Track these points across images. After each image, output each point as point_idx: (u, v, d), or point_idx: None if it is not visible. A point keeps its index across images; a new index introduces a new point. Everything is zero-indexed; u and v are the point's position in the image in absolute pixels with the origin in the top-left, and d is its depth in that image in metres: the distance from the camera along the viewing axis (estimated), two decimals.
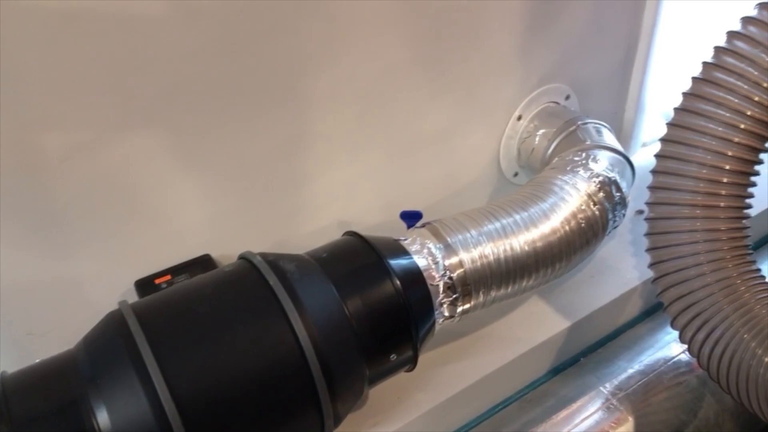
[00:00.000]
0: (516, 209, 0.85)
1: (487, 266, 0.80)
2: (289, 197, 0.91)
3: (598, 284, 1.04)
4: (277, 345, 0.66)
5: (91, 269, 0.79)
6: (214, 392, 0.63)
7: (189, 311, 0.67)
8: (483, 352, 0.92)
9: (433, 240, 0.80)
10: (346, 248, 0.78)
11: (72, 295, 0.79)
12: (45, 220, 0.73)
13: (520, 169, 1.13)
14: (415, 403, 0.86)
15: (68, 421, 0.60)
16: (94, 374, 0.62)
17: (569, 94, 1.12)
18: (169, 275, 0.82)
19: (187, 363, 0.63)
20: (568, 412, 0.87)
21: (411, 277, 0.76)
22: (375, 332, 0.72)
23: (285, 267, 0.71)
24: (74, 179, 0.72)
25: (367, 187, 0.98)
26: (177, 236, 0.84)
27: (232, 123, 0.80)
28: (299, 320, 0.66)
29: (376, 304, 0.73)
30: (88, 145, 0.71)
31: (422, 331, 0.77)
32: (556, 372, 0.99)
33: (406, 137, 0.98)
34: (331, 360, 0.67)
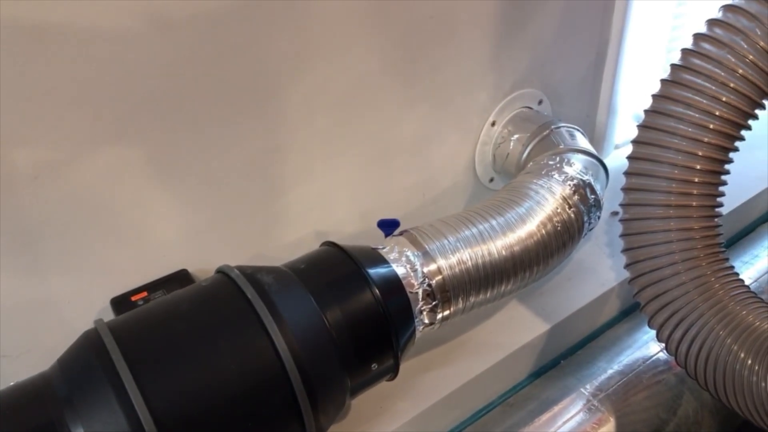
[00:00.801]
0: (493, 214, 0.86)
1: (465, 272, 0.81)
2: (265, 209, 0.91)
3: (575, 286, 1.05)
4: (257, 359, 0.65)
5: (65, 288, 0.78)
6: (193, 409, 0.62)
7: (166, 328, 0.66)
8: (464, 358, 0.93)
9: (411, 248, 0.80)
10: (324, 258, 0.78)
11: (46, 315, 0.78)
12: (17, 239, 0.72)
13: (496, 174, 1.14)
14: (397, 411, 0.86)
15: None
16: (70, 394, 0.61)
17: (542, 98, 1.13)
18: (145, 292, 0.81)
19: (166, 380, 0.62)
20: (551, 415, 0.87)
21: (390, 285, 0.76)
22: (355, 342, 0.72)
23: (263, 279, 0.71)
24: (46, 197, 0.71)
25: (344, 196, 0.98)
26: (153, 252, 0.83)
27: (204, 136, 0.80)
28: (278, 333, 0.66)
29: (355, 314, 0.72)
30: (60, 163, 0.70)
31: (403, 339, 0.77)
32: (537, 375, 1.00)
33: (381, 146, 0.98)
34: (312, 372, 0.67)
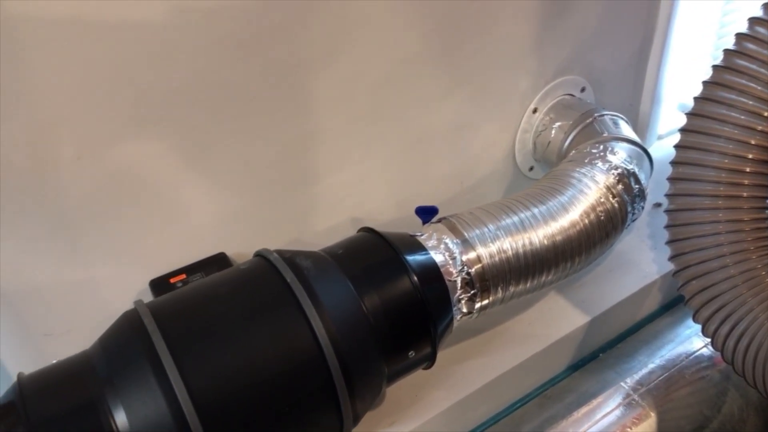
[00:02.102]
0: (534, 203, 0.84)
1: (505, 261, 0.79)
2: (301, 194, 0.90)
3: (616, 279, 1.02)
4: (295, 343, 0.65)
5: (106, 269, 0.78)
6: (231, 391, 0.62)
7: (205, 310, 0.66)
8: (501, 349, 0.91)
9: (450, 235, 0.79)
10: (362, 244, 0.77)
11: (88, 295, 0.79)
12: (59, 220, 0.72)
13: (536, 163, 1.12)
14: (432, 401, 0.85)
15: (86, 421, 0.59)
16: (110, 374, 0.61)
17: (585, 86, 1.10)
18: (184, 274, 0.81)
19: (204, 362, 0.62)
20: (589, 408, 0.85)
21: (428, 272, 0.75)
22: (393, 329, 0.71)
23: (301, 263, 0.71)
24: (88, 179, 0.72)
25: (380, 183, 0.97)
26: (191, 235, 0.83)
27: (242, 120, 0.80)
28: (317, 317, 0.66)
29: (393, 301, 0.72)
30: (102, 144, 0.71)
31: (440, 327, 0.76)
32: (575, 368, 0.98)
33: (419, 132, 0.97)
34: (350, 358, 0.67)
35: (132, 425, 0.59)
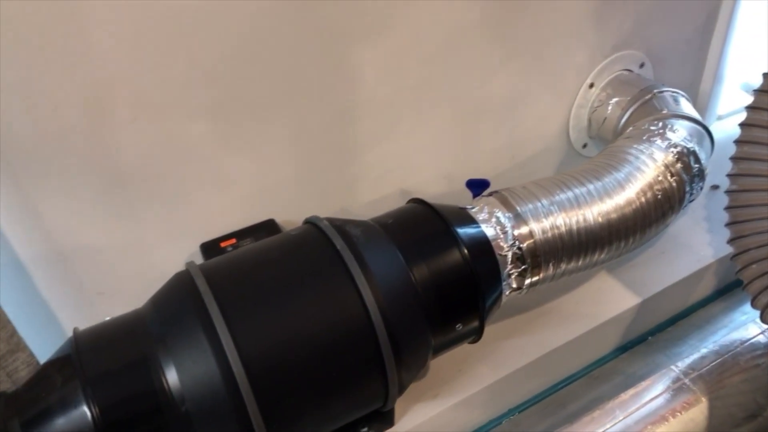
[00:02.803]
0: (589, 179, 0.82)
1: (558, 237, 0.77)
2: (350, 165, 0.90)
3: (669, 261, 0.99)
4: (344, 310, 0.65)
5: (158, 231, 0.80)
6: (280, 354, 0.62)
7: (257, 273, 0.67)
8: (548, 328, 0.90)
9: (502, 209, 0.78)
10: (412, 215, 0.76)
11: (139, 256, 0.80)
12: (114, 181, 0.74)
13: (590, 140, 1.09)
14: (476, 376, 0.84)
15: (138, 378, 0.60)
16: (163, 333, 0.62)
17: (644, 61, 1.07)
18: (234, 239, 0.82)
19: (255, 324, 0.63)
20: (637, 390, 0.83)
21: (479, 246, 0.74)
22: (441, 301, 0.71)
23: (351, 231, 0.70)
24: (142, 141, 0.72)
25: (429, 156, 0.96)
26: (242, 201, 0.84)
27: (294, 87, 0.79)
28: (366, 285, 0.65)
29: (442, 273, 0.71)
30: (157, 107, 0.71)
31: (489, 301, 0.75)
32: (623, 350, 0.96)
33: (471, 104, 0.95)
34: (398, 327, 0.66)
35: (183, 383, 0.60)
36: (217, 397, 0.60)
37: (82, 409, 0.58)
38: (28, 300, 0.75)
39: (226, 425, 0.61)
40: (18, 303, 0.71)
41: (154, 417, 0.60)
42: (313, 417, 0.67)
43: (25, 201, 0.69)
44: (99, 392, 0.59)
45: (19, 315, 0.70)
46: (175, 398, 0.60)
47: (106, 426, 0.58)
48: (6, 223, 0.70)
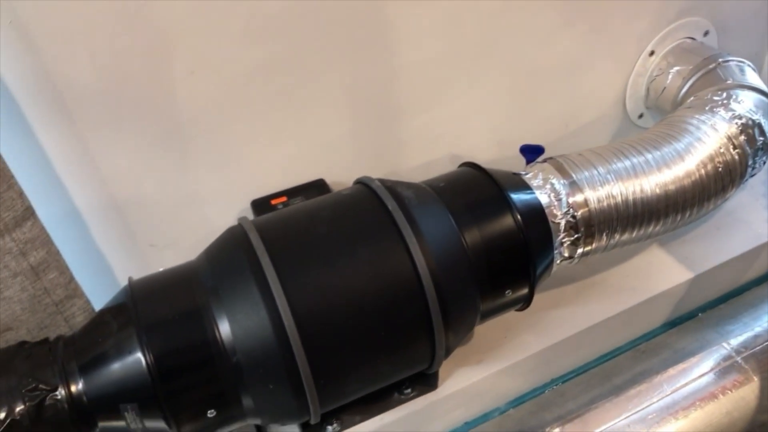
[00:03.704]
0: (647, 148, 0.80)
1: (613, 207, 0.76)
2: (402, 127, 0.89)
3: (724, 237, 0.96)
4: (395, 270, 0.65)
5: (210, 186, 0.80)
6: (331, 311, 0.63)
7: (309, 231, 0.67)
8: (596, 299, 0.88)
9: (557, 175, 0.76)
10: (464, 179, 0.75)
11: (192, 210, 0.81)
12: (170, 134, 0.74)
13: (647, 110, 1.06)
14: (522, 343, 0.84)
15: (192, 327, 0.62)
16: (216, 285, 0.63)
17: (708, 29, 1.02)
18: (284, 197, 0.82)
19: (307, 280, 0.63)
20: (686, 366, 0.82)
21: (532, 212, 0.73)
22: (492, 266, 0.70)
23: (403, 193, 0.70)
24: (199, 94, 0.73)
25: (482, 120, 0.94)
26: (293, 159, 0.84)
27: (349, 46, 0.78)
28: (417, 247, 0.65)
29: (494, 238, 0.70)
30: (215, 60, 0.71)
31: (539, 269, 0.74)
32: (671, 325, 0.94)
33: (527, 69, 0.93)
34: (447, 289, 0.66)
35: (234, 335, 0.61)
36: (267, 350, 0.61)
37: (136, 355, 0.60)
38: (83, 249, 0.77)
39: (275, 378, 0.62)
40: (74, 252, 0.73)
41: (205, 366, 0.61)
42: (359, 374, 0.68)
43: (83, 150, 0.70)
44: (153, 339, 0.60)
45: (75, 263, 0.72)
46: (226, 349, 0.61)
47: (160, 373, 0.60)
48: (64, 172, 0.71)
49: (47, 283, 0.67)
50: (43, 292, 0.67)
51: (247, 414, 0.65)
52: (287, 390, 0.62)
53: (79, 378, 0.61)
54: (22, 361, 0.62)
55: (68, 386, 0.60)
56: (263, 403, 0.64)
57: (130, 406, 0.60)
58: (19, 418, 0.58)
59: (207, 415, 0.62)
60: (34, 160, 0.68)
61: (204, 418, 0.62)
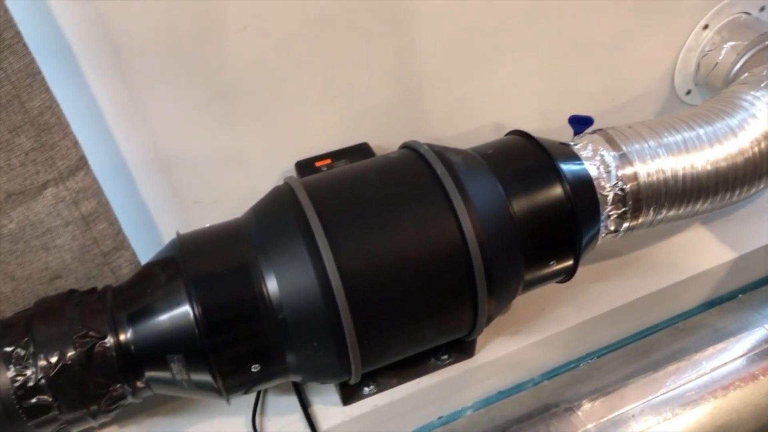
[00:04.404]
0: (699, 123, 0.78)
1: (663, 182, 0.74)
2: (448, 93, 0.88)
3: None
4: (442, 235, 0.64)
5: (256, 145, 0.80)
6: (377, 272, 0.63)
7: (357, 192, 0.67)
8: (636, 275, 0.88)
9: (607, 147, 0.75)
10: (513, 147, 0.74)
11: (236, 168, 0.81)
12: (219, 91, 0.74)
13: (695, 86, 1.03)
14: (560, 316, 0.83)
15: (240, 282, 0.62)
16: (264, 242, 0.63)
17: (764, 5, 0.99)
18: (329, 159, 0.82)
19: (354, 241, 0.63)
20: (725, 345, 0.81)
21: (581, 183, 0.72)
22: (538, 236, 0.69)
23: (452, 159, 0.69)
24: (250, 51, 0.72)
25: (528, 90, 0.93)
26: (338, 122, 0.84)
27: (399, 12, 0.78)
28: (465, 213, 0.64)
29: (542, 208, 0.69)
30: (269, 15, 0.71)
31: (585, 241, 0.73)
32: (710, 305, 0.93)
33: (576, 40, 0.91)
34: (493, 257, 0.65)
35: (281, 291, 0.61)
36: (313, 308, 0.61)
37: (185, 307, 0.61)
38: (128, 203, 0.77)
39: (320, 336, 0.62)
40: (120, 205, 0.73)
41: (252, 321, 0.62)
42: (401, 337, 0.68)
43: (135, 104, 0.71)
44: (202, 293, 0.61)
45: (120, 216, 0.73)
46: (273, 305, 0.61)
47: (207, 326, 0.60)
48: (114, 125, 0.71)
49: (97, 233, 0.67)
50: (93, 242, 0.68)
51: (289, 370, 0.65)
52: (330, 349, 0.63)
53: (128, 327, 0.62)
54: (72, 308, 0.63)
55: (117, 335, 0.61)
56: (306, 361, 0.64)
57: (176, 357, 0.61)
58: (70, 363, 0.60)
59: (251, 369, 0.63)
60: (86, 112, 0.68)
61: (248, 373, 0.63)
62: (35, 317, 0.62)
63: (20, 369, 0.59)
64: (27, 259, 0.65)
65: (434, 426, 0.82)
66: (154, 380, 0.63)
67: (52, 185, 0.62)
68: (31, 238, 0.64)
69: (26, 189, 0.61)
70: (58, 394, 0.60)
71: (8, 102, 0.55)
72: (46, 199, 0.62)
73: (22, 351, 0.60)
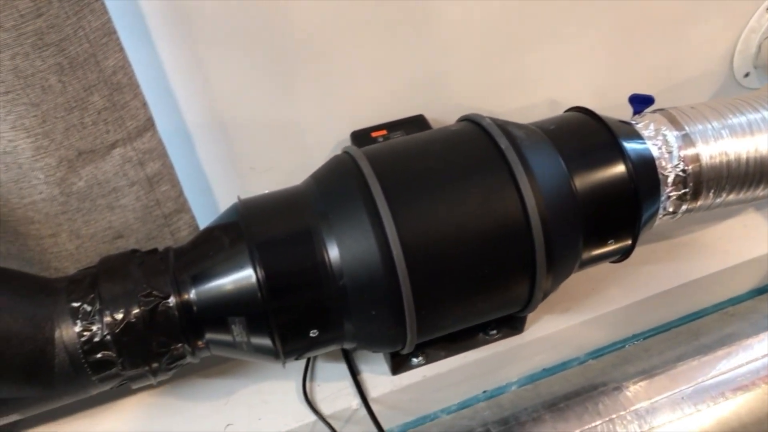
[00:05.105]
0: (765, 105, 0.76)
1: (725, 165, 0.73)
2: (506, 66, 0.87)
3: None
4: (504, 209, 0.64)
5: (313, 114, 0.80)
6: (439, 244, 0.63)
7: (419, 163, 0.66)
8: (687, 258, 0.87)
9: (670, 127, 0.74)
10: (576, 123, 0.74)
11: (293, 136, 0.81)
12: (281, 56, 0.74)
13: (754, 69, 1.01)
14: (609, 296, 0.83)
15: (302, 248, 0.62)
16: (325, 210, 0.63)
17: None
18: (385, 130, 0.81)
19: (416, 211, 0.63)
20: None
21: (643, 163, 0.71)
22: (599, 214, 0.69)
23: (514, 133, 0.68)
24: (315, 15, 0.72)
25: (584, 67, 0.92)
26: (394, 94, 0.83)
27: None
28: (529, 188, 0.64)
29: (604, 186, 0.69)
30: None
31: (643, 221, 0.72)
32: (759, 292, 0.92)
33: (637, 16, 0.89)
34: (554, 233, 0.65)
35: (342, 258, 0.62)
36: (373, 276, 0.61)
37: (248, 271, 0.61)
38: (187, 166, 0.78)
39: (378, 303, 0.63)
40: (179, 168, 0.74)
41: (313, 287, 0.62)
42: (457, 309, 0.68)
43: (198, 66, 0.71)
44: (265, 257, 0.61)
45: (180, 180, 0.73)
46: (334, 272, 0.62)
47: (270, 290, 0.61)
48: (178, 87, 0.71)
49: (160, 194, 0.68)
50: (155, 203, 0.68)
51: (345, 337, 0.66)
52: (388, 317, 0.63)
53: (191, 288, 0.62)
54: (136, 267, 0.64)
55: (180, 295, 0.62)
56: (362, 328, 0.65)
57: (237, 319, 0.62)
58: (134, 321, 0.61)
59: (309, 334, 0.63)
60: (151, 73, 0.69)
61: (306, 338, 0.64)
62: (101, 275, 0.63)
63: (87, 324, 0.61)
64: (92, 218, 0.66)
65: (479, 399, 0.82)
66: (214, 342, 0.64)
67: (120, 145, 0.63)
68: (98, 197, 0.65)
69: (96, 148, 0.61)
70: (123, 350, 0.61)
71: (85, 60, 0.56)
72: (114, 158, 0.63)
73: (88, 307, 0.61)
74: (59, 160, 0.60)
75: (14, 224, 0.64)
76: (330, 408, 0.74)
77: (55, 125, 0.58)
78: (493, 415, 0.76)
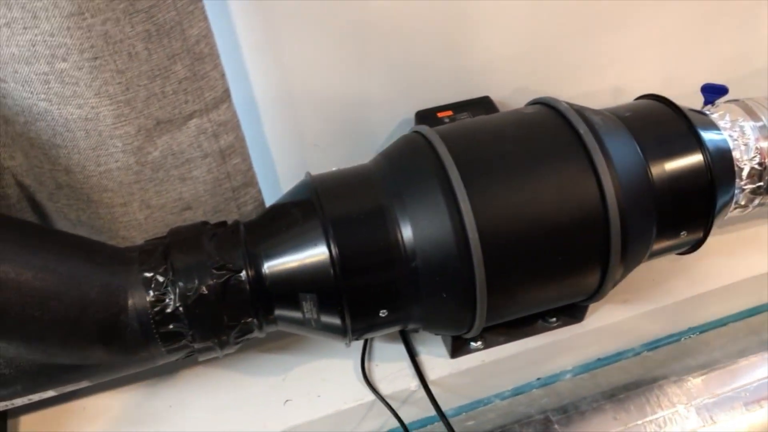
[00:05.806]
0: None
1: None
2: (574, 50, 0.86)
3: None
4: (582, 196, 0.63)
5: (379, 91, 0.79)
6: (515, 228, 0.62)
7: (494, 145, 0.65)
8: (750, 253, 0.85)
9: (747, 118, 0.72)
10: (652, 111, 0.72)
11: (359, 113, 0.80)
12: (354, 31, 0.73)
13: None
14: (669, 288, 0.82)
15: (376, 226, 0.62)
16: (399, 189, 0.63)
17: None
18: (450, 111, 0.80)
19: (492, 195, 0.62)
20: None
21: (720, 154, 0.70)
22: (674, 205, 0.68)
23: (592, 118, 0.67)
24: None
25: (654, 54, 0.90)
26: (460, 74, 0.82)
27: None
28: (608, 174, 0.62)
29: (681, 176, 0.67)
30: None
31: (716, 214, 0.71)
32: None
33: (710, 4, 0.87)
34: (630, 223, 0.64)
35: (416, 239, 0.61)
36: (447, 259, 0.61)
37: (321, 248, 0.61)
38: (253, 139, 0.77)
39: (450, 287, 0.62)
40: (247, 142, 0.73)
41: (386, 266, 0.62)
42: (527, 296, 0.67)
43: (272, 39, 0.70)
44: (339, 234, 0.61)
45: None
46: (407, 253, 0.61)
47: (343, 267, 0.60)
48: (251, 59, 0.71)
49: (230, 168, 0.68)
50: (226, 176, 0.68)
51: (412, 318, 0.66)
52: (458, 301, 0.63)
53: (263, 263, 0.62)
54: (207, 239, 0.63)
55: (252, 269, 0.62)
56: (431, 311, 0.64)
57: (309, 296, 0.62)
58: (206, 293, 0.61)
59: (379, 314, 0.63)
60: (224, 44, 0.68)
61: (375, 317, 0.63)
62: (173, 246, 0.63)
63: (159, 295, 0.60)
64: (164, 188, 0.66)
65: (533, 386, 0.82)
66: (283, 317, 0.64)
67: (197, 116, 0.62)
68: (172, 167, 0.64)
69: (174, 118, 0.61)
70: (194, 322, 0.61)
71: (171, 29, 0.55)
72: (190, 129, 0.63)
73: (161, 278, 0.61)
74: (138, 129, 0.60)
75: (88, 192, 0.63)
76: (388, 388, 0.73)
77: (137, 93, 0.57)
78: (551, 403, 0.76)
